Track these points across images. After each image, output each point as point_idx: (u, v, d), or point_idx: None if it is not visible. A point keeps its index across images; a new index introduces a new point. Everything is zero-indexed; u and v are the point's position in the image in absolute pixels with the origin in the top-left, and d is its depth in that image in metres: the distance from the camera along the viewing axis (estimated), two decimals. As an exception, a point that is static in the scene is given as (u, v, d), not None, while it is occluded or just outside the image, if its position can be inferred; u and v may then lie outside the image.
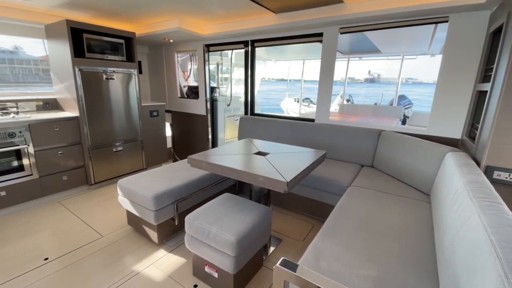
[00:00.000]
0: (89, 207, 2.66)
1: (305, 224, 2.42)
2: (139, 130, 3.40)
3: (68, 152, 2.82)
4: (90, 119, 2.89)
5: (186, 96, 4.14)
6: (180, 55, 4.10)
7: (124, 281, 1.70)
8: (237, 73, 5.04)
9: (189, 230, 1.65)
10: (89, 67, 2.80)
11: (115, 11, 2.85)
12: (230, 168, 1.65)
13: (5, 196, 2.44)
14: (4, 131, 2.38)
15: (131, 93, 3.25)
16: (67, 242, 2.09)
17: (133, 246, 2.07)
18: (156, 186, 2.00)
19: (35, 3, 2.62)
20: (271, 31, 2.97)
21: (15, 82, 3.16)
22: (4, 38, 3.00)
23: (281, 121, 3.09)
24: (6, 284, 1.66)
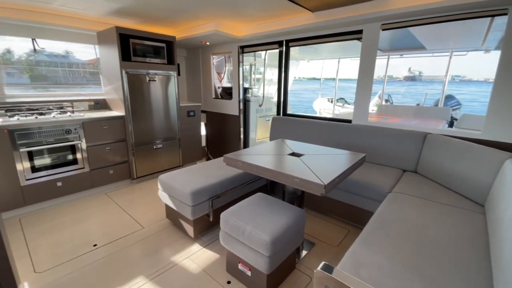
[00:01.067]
0: (132, 199, 2.87)
1: (340, 229, 2.33)
2: (177, 129, 3.59)
3: (114, 148, 3.07)
4: (134, 118, 3.12)
5: (220, 97, 4.26)
6: (215, 57, 4.23)
7: (162, 271, 1.80)
8: (269, 74, 5.05)
9: (224, 227, 1.69)
10: (134, 70, 3.02)
11: (157, 17, 3.04)
12: (265, 168, 1.66)
13: (61, 186, 2.74)
14: (62, 128, 2.66)
15: (170, 94, 3.43)
16: (113, 231, 2.27)
17: (171, 238, 2.18)
18: (193, 182, 2.08)
19: (89, 12, 2.90)
20: (307, 30, 2.92)
21: (65, 83, 3.52)
22: (58, 44, 3.36)
23: (315, 122, 3.02)
24: (61, 266, 1.85)
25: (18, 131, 2.40)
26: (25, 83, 3.24)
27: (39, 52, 3.29)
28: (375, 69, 2.65)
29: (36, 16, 2.87)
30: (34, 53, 3.28)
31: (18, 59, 3.15)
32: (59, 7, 2.71)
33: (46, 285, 1.67)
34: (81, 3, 2.58)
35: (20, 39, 3.06)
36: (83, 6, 2.66)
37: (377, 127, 2.62)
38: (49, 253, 1.96)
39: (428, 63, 32.43)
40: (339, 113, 8.64)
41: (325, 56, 6.28)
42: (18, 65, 3.16)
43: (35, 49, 3.26)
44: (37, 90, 3.28)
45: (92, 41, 3.41)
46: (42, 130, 2.54)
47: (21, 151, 2.43)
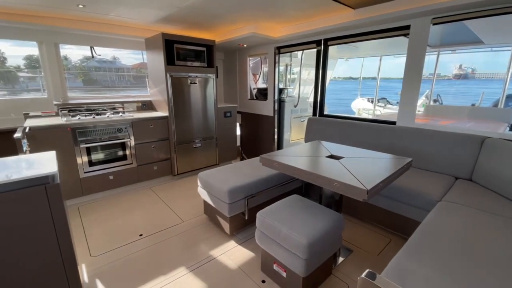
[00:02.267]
0: (173, 194, 3.05)
1: (381, 238, 2.21)
2: (214, 129, 3.73)
3: (158, 146, 3.30)
4: (177, 118, 3.32)
5: (255, 98, 4.31)
6: (251, 59, 4.30)
7: (201, 264, 1.88)
8: (305, 74, 4.97)
9: (260, 226, 1.71)
10: (177, 73, 3.22)
11: (199, 22, 3.19)
12: (302, 170, 1.64)
13: (113, 179, 3.02)
14: (114, 127, 2.94)
15: (209, 95, 3.58)
16: (156, 223, 2.44)
17: (208, 234, 2.27)
18: (230, 181, 2.14)
19: (139, 20, 3.16)
20: (347, 28, 2.81)
21: (112, 86, 3.88)
22: (107, 50, 3.70)
23: (354, 123, 2.90)
24: (112, 252, 2.04)
25: (79, 129, 2.71)
26: (79, 87, 3.66)
27: (91, 59, 3.68)
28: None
29: (94, 26, 3.22)
30: (87, 59, 3.69)
31: (73, 65, 3.56)
32: (115, 17, 3.00)
33: (99, 268, 1.86)
34: (133, 13, 2.82)
35: (77, 47, 3.45)
36: (134, 15, 2.91)
37: (425, 130, 2.42)
38: (102, 240, 2.18)
39: (482, 60, 28.84)
40: (381, 114, 8.14)
41: (365, 54, 5.99)
42: (73, 70, 3.58)
43: (93, 56, 3.65)
44: (88, 93, 3.68)
45: (140, 47, 3.72)
46: (98, 129, 2.83)
47: (81, 146, 2.74)
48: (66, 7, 2.61)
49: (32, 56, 3.54)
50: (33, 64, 3.56)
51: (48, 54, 3.15)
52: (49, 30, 3.03)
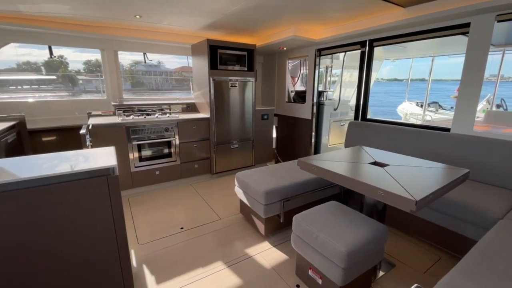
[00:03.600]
0: (211, 192, 3.19)
1: (428, 254, 2.03)
2: (252, 131, 3.81)
3: (200, 146, 3.48)
4: (217, 120, 3.47)
5: (293, 101, 4.29)
6: (291, 62, 4.30)
7: (235, 262, 1.94)
8: (346, 76, 4.79)
9: (296, 230, 1.70)
10: (219, 77, 3.37)
11: (241, 27, 3.30)
12: (343, 175, 1.59)
13: (159, 174, 3.27)
14: (162, 127, 3.19)
15: (247, 98, 3.67)
16: (195, 218, 2.58)
17: (243, 233, 2.33)
18: (267, 182, 2.17)
19: (187, 28, 3.38)
20: (396, 28, 2.65)
21: (156, 89, 4.19)
22: (155, 55, 4.01)
23: (401, 129, 2.71)
24: (157, 241, 2.21)
25: (132, 128, 3.00)
26: (127, 89, 4.04)
27: (139, 63, 4.04)
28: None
29: (147, 35, 3.54)
30: (136, 64, 4.06)
31: (124, 69, 3.95)
32: (166, 26, 3.26)
33: (146, 255, 2.03)
34: (182, 21, 3.04)
35: (129, 53, 3.82)
36: (183, 23, 3.13)
37: (486, 138, 2.17)
38: (148, 229, 2.38)
39: None
40: (431, 120, 7.44)
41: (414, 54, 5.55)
42: (124, 74, 3.97)
43: (145, 61, 4.01)
44: (136, 95, 4.03)
45: (186, 52, 3.97)
46: (148, 128, 3.10)
47: (133, 143, 3.03)
48: (126, 18, 2.92)
49: (90, 61, 4.05)
50: (90, 68, 4.05)
51: (109, 60, 3.55)
52: (110, 39, 3.42)
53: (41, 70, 3.67)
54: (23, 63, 3.43)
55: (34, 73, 3.63)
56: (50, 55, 3.34)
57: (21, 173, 1.20)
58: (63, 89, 3.75)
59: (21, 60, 3.40)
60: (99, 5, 2.44)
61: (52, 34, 3.11)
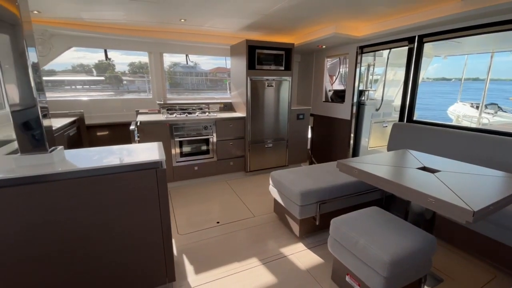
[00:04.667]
0: (245, 189, 3.25)
1: (482, 271, 1.82)
2: (286, 131, 3.79)
3: (235, 144, 3.57)
4: (253, 119, 3.52)
5: (331, 100, 4.16)
6: (329, 60, 4.17)
7: (270, 260, 1.96)
8: (390, 74, 4.50)
9: (334, 233, 1.66)
10: (256, 77, 3.41)
11: (279, 27, 3.29)
12: (388, 180, 1.51)
13: (197, 170, 3.43)
14: (201, 125, 3.33)
15: (283, 98, 3.66)
16: (230, 214, 2.65)
17: (276, 232, 2.33)
18: (303, 183, 2.15)
19: (227, 29, 3.48)
20: (451, 21, 2.42)
21: (192, 89, 4.35)
22: (193, 57, 4.18)
23: (453, 132, 2.47)
24: (194, 233, 2.32)
25: (174, 125, 3.19)
26: (166, 89, 4.28)
27: (178, 65, 4.25)
28: None
29: (190, 37, 3.71)
30: (174, 65, 4.27)
31: (164, 70, 4.18)
32: (208, 28, 3.40)
33: (185, 245, 2.14)
34: (223, 23, 3.14)
35: (169, 54, 4.03)
36: (224, 25, 3.23)
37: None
38: (186, 221, 2.51)
39: None
40: (488, 123, 6.64)
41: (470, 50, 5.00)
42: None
43: (187, 62, 4.22)
44: (174, 94, 4.25)
45: (225, 53, 4.10)
46: (188, 126, 3.26)
47: (175, 140, 3.22)
48: (172, 22, 3.10)
49: (133, 63, 4.38)
50: (134, 70, 4.38)
51: (155, 62, 3.80)
52: (157, 42, 3.66)
53: (92, 72, 4.10)
54: (77, 65, 3.86)
55: (86, 74, 4.07)
56: (105, 58, 3.70)
57: (87, 164, 1.36)
58: (110, 89, 4.13)
59: (76, 63, 3.83)
60: (150, 10, 2.64)
61: (107, 38, 3.44)
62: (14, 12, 1.20)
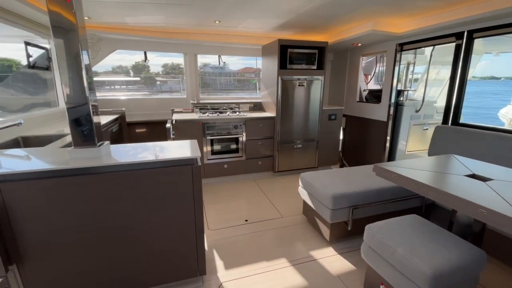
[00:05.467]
0: (273, 189, 3.25)
1: (543, 295, 1.62)
2: (317, 132, 3.71)
3: (264, 144, 3.58)
4: (282, 119, 3.50)
5: (365, 100, 3.98)
6: (365, 58, 3.99)
7: (299, 262, 1.93)
8: (432, 73, 4.18)
9: (369, 240, 1.58)
10: (287, 77, 3.38)
11: (312, 25, 3.23)
12: (432, 187, 1.39)
13: (227, 168, 3.50)
14: (232, 124, 3.39)
15: (314, 97, 3.58)
16: (258, 213, 2.66)
17: (306, 234, 2.29)
18: (335, 186, 2.08)
19: (259, 30, 3.49)
20: (504, 15, 2.17)
21: (220, 89, 4.42)
22: (226, 58, 4.24)
23: (506, 137, 2.22)
24: (223, 229, 2.37)
25: (206, 124, 3.29)
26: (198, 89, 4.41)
27: (206, 66, 4.35)
28: None
29: (223, 38, 3.80)
30: (204, 66, 4.38)
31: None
32: (241, 29, 3.44)
33: (215, 240, 2.20)
34: (256, 23, 3.16)
35: (201, 56, 4.13)
36: (257, 25, 3.25)
37: None
38: (216, 217, 2.57)
39: None
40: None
41: (529, 45, 4.44)
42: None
43: (219, 63, 4.32)
44: (204, 94, 4.36)
45: (256, 53, 4.12)
46: (219, 124, 3.34)
47: (207, 138, 3.32)
48: (207, 24, 3.20)
49: (167, 64, 4.59)
50: (167, 70, 4.59)
51: (189, 63, 3.95)
52: (192, 43, 3.80)
53: (129, 73, 4.39)
54: (116, 67, 4.16)
55: (124, 75, 4.37)
56: (145, 59, 3.93)
57: (130, 158, 1.45)
58: (145, 89, 4.39)
59: (116, 64, 4.12)
60: (187, 12, 2.74)
61: (147, 41, 3.65)
62: (70, 19, 1.32)
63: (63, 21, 1.32)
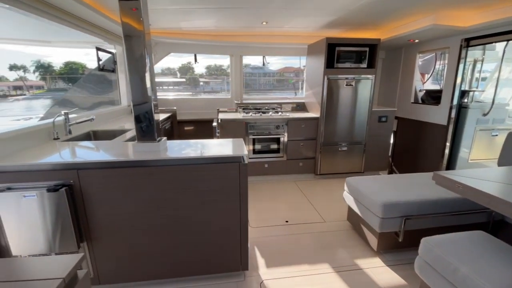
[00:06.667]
0: (315, 192, 3.17)
1: None
2: (365, 134, 3.51)
3: (306, 145, 3.52)
4: (327, 120, 3.40)
5: (421, 102, 3.64)
6: (422, 56, 3.65)
7: (343, 270, 1.85)
8: (505, 72, 3.62)
9: (425, 254, 1.45)
10: (334, 76, 3.27)
11: (363, 22, 3.06)
12: (508, 202, 1.21)
13: (267, 167, 3.53)
14: (274, 124, 3.41)
15: (363, 98, 3.39)
16: (299, 215, 2.62)
17: (350, 242, 2.19)
18: (385, 194, 1.95)
19: (306, 29, 3.43)
20: None
21: (258, 89, 4.41)
22: (258, 58, 4.25)
23: None
24: (265, 228, 2.39)
25: (249, 123, 3.35)
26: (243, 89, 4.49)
27: (246, 66, 4.39)
28: None
29: (268, 39, 3.83)
30: (245, 66, 4.43)
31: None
32: (287, 29, 3.43)
33: (256, 238, 2.23)
34: (303, 23, 3.11)
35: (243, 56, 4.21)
36: (304, 25, 3.20)
37: None
38: (256, 215, 2.61)
39: None
40: None
41: None
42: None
43: (263, 64, 4.37)
44: (245, 94, 4.42)
45: (301, 53, 4.07)
46: (262, 124, 3.38)
47: (250, 137, 3.38)
48: (254, 25, 3.26)
49: (210, 66, 4.78)
50: (211, 72, 4.79)
51: (235, 64, 4.08)
52: (238, 45, 3.92)
53: (176, 74, 4.70)
54: (165, 69, 4.47)
55: (172, 76, 4.68)
56: (194, 61, 4.18)
57: (184, 154, 1.56)
58: (189, 89, 4.65)
59: (164, 66, 4.44)
60: (236, 15, 2.83)
61: (198, 44, 3.87)
62: (139, 27, 1.47)
63: (132, 30, 1.47)
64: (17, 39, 2.95)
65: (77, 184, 1.44)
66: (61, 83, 6.19)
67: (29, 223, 1.41)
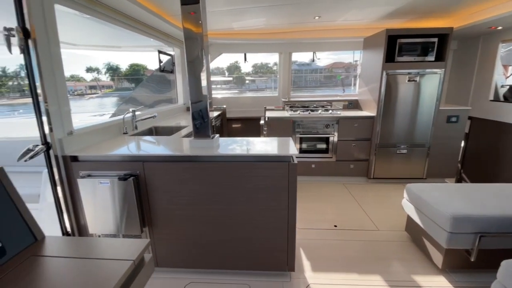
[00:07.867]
0: (367, 197, 2.95)
1: None
2: (429, 136, 3.12)
3: (358, 146, 3.29)
4: (384, 119, 3.12)
5: (504, 99, 3.07)
6: (505, 45, 3.06)
7: (396, 285, 1.68)
8: None
9: (505, 280, 1.22)
10: (395, 71, 2.97)
11: (430, 9, 2.70)
12: None
13: (314, 168, 3.41)
14: (323, 123, 3.27)
15: (429, 95, 3.01)
16: (348, 220, 2.47)
17: (408, 255, 1.97)
18: (455, 204, 1.70)
19: (363, 21, 3.19)
20: None
21: (305, 87, 4.21)
22: (304, 54, 4.06)
23: None
24: (310, 230, 2.31)
25: (297, 122, 3.29)
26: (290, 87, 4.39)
27: (292, 63, 4.24)
28: None
29: (319, 34, 3.68)
30: (292, 63, 4.29)
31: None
32: (340, 22, 3.25)
33: (302, 239, 2.18)
34: (359, 14, 2.90)
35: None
36: (360, 17, 2.98)
37: None
38: (303, 216, 2.54)
39: None
40: None
41: None
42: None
43: (313, 60, 4.23)
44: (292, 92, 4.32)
45: (356, 47, 3.81)
46: (309, 123, 3.28)
47: (297, 136, 3.32)
48: (305, 21, 3.16)
49: (256, 64, 4.79)
50: (256, 70, 4.80)
51: (284, 62, 4.03)
52: (287, 42, 3.86)
53: (224, 73, 4.84)
54: (214, 68, 4.64)
55: (220, 75, 4.84)
56: (244, 60, 4.27)
57: (235, 151, 1.61)
58: (235, 88, 4.75)
59: (213, 66, 4.59)
60: (288, 11, 2.78)
61: (248, 44, 3.93)
62: (198, 31, 1.55)
63: (192, 34, 1.56)
64: (95, 45, 3.43)
65: (142, 174, 1.60)
66: (126, 83, 7.01)
67: (103, 206, 1.62)
